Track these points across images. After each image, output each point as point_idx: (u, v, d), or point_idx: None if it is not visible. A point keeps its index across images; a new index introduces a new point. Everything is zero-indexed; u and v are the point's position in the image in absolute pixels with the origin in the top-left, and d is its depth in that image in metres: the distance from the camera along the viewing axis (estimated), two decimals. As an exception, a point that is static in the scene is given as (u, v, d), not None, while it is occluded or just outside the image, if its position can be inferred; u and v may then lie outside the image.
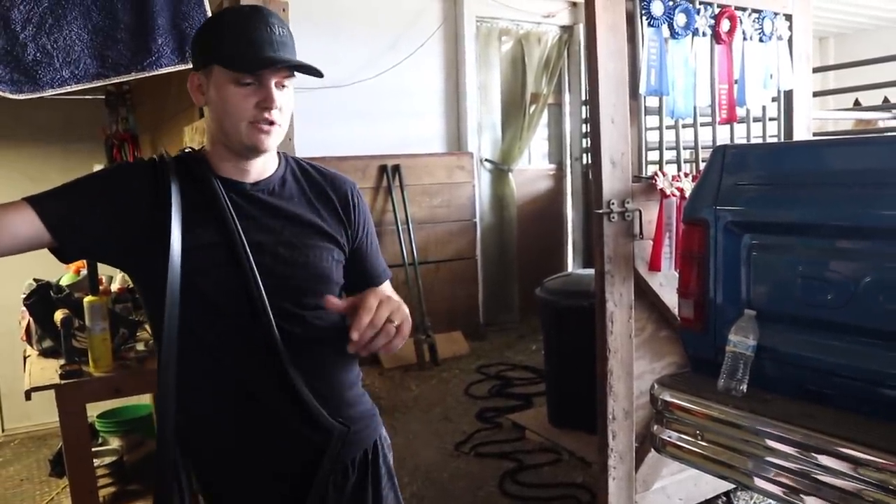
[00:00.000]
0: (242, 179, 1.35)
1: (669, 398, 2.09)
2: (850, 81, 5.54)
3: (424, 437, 3.64)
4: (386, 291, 1.49)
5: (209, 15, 2.02)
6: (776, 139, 3.05)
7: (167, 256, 1.23)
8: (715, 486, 2.82)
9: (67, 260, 1.33)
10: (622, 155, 2.50)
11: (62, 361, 2.43)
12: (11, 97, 1.79)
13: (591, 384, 2.62)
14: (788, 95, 3.02)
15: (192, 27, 2.00)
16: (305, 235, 1.36)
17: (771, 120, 3.03)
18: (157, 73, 1.99)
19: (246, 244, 1.28)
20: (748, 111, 2.89)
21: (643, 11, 2.54)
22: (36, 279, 2.82)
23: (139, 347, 2.56)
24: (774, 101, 3.01)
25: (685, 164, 2.75)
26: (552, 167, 6.13)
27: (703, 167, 2.37)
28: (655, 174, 2.57)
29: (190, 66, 1.45)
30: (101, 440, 3.50)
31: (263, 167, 1.37)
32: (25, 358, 2.77)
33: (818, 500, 1.73)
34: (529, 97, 5.77)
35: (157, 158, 1.36)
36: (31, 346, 2.77)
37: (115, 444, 3.44)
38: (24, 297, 2.77)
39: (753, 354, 1.95)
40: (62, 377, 2.33)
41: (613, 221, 2.48)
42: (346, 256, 1.43)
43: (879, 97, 5.09)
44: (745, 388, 1.95)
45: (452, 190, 5.22)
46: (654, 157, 2.73)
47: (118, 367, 2.42)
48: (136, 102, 4.73)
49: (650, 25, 2.55)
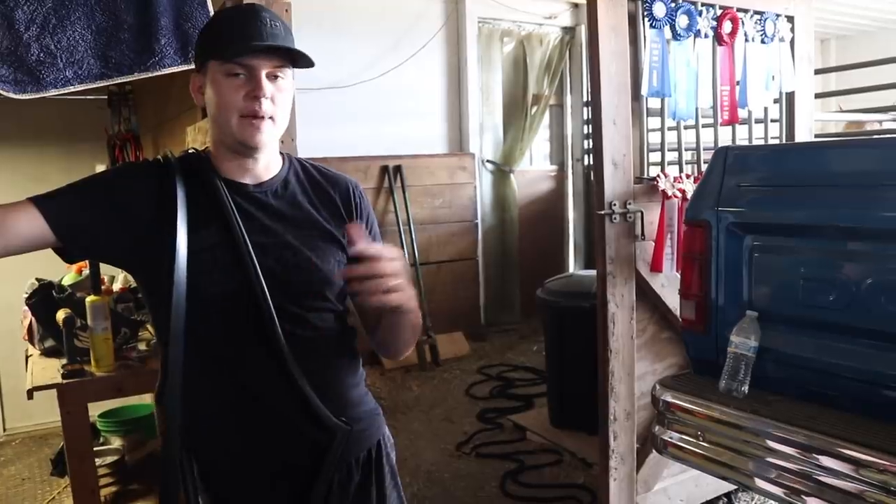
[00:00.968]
0: (245, 180, 1.35)
1: (671, 399, 2.09)
2: (851, 83, 5.54)
3: (426, 437, 3.64)
4: None
5: (212, 15, 2.02)
6: (778, 141, 3.06)
7: (172, 257, 1.23)
8: (716, 487, 2.82)
9: (71, 260, 1.32)
10: (624, 156, 2.50)
11: (64, 361, 2.44)
12: (15, 97, 1.79)
13: (592, 385, 2.62)
14: (790, 97, 3.03)
15: (194, 27, 2.00)
16: (308, 237, 1.36)
17: (773, 121, 3.03)
18: (159, 73, 1.99)
19: (249, 245, 1.28)
20: (750, 113, 2.90)
21: (645, 13, 2.54)
22: (38, 279, 2.83)
23: (141, 347, 2.57)
24: (776, 102, 3.02)
25: (687, 165, 2.75)
26: (554, 168, 6.13)
27: (704, 168, 2.37)
28: (657, 175, 2.57)
29: (192, 66, 1.46)
30: (102, 440, 3.50)
31: (266, 168, 1.37)
32: (27, 357, 2.78)
33: (820, 501, 1.72)
34: (531, 98, 5.77)
35: (161, 159, 1.36)
36: (32, 345, 2.77)
37: (116, 443, 3.44)
38: (26, 296, 2.78)
39: (755, 356, 1.95)
40: (64, 377, 2.33)
41: (615, 222, 2.49)
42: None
43: (880, 99, 5.08)
44: (746, 389, 1.95)
45: (454, 191, 5.22)
46: (655, 158, 2.74)
47: (120, 366, 2.42)
48: (138, 103, 4.73)
49: (652, 27, 2.55)
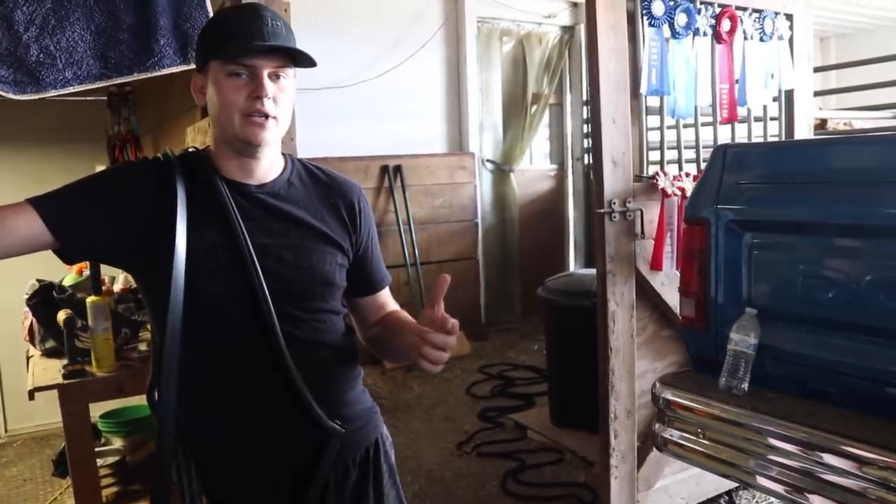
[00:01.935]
0: (247, 181, 1.34)
1: (671, 397, 2.09)
2: (851, 81, 5.54)
3: (427, 436, 3.64)
4: (385, 298, 1.52)
5: (211, 15, 2.02)
6: (777, 139, 3.05)
7: (171, 257, 1.22)
8: (717, 484, 2.82)
9: (71, 261, 1.32)
10: (623, 155, 2.50)
11: (65, 361, 2.44)
12: (14, 98, 1.80)
13: (592, 384, 2.62)
14: (789, 95, 3.03)
15: (193, 28, 2.00)
16: (309, 239, 1.35)
17: (772, 120, 3.03)
18: (159, 73, 1.99)
19: (250, 246, 1.28)
20: (749, 111, 2.90)
21: (644, 11, 2.54)
22: (39, 280, 2.83)
23: (141, 347, 2.57)
24: (775, 100, 3.02)
25: (686, 163, 2.75)
26: (553, 167, 6.13)
27: (704, 166, 2.37)
28: (657, 174, 2.57)
29: (192, 66, 1.46)
30: (103, 440, 3.50)
31: (269, 168, 1.36)
32: (28, 358, 2.78)
33: (821, 498, 1.72)
34: (531, 97, 5.77)
35: (161, 158, 1.35)
36: (33, 346, 2.78)
37: (117, 444, 3.44)
38: (26, 297, 2.78)
39: (755, 353, 1.95)
40: (65, 377, 2.33)
41: (615, 221, 2.49)
42: (349, 261, 1.42)
43: (880, 97, 5.08)
44: (746, 386, 1.96)
45: (454, 190, 5.22)
46: (655, 156, 2.73)
47: (121, 366, 2.43)
48: (138, 103, 4.74)
49: (651, 25, 2.56)
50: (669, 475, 2.74)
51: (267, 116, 1.27)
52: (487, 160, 5.63)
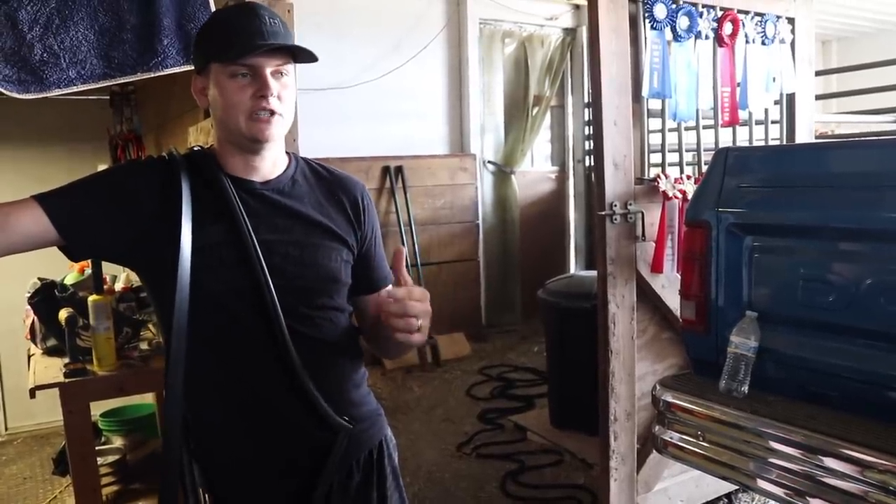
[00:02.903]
0: (252, 178, 1.35)
1: (671, 399, 2.09)
2: (852, 85, 5.54)
3: (426, 438, 3.64)
4: None
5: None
6: (778, 142, 3.06)
7: (176, 254, 1.23)
8: (717, 487, 2.82)
9: (76, 258, 1.33)
10: (625, 157, 2.51)
11: (66, 360, 2.44)
12: (18, 97, 1.80)
13: (592, 386, 2.62)
14: (791, 98, 3.03)
15: (197, 28, 2.01)
16: (314, 235, 1.36)
17: (773, 123, 3.03)
18: (162, 73, 2.00)
19: (256, 243, 1.28)
20: (750, 114, 2.90)
21: (646, 14, 2.55)
22: (40, 278, 2.83)
23: (143, 346, 2.58)
24: (777, 104, 3.02)
25: (687, 166, 2.75)
26: (555, 169, 6.14)
27: (705, 170, 2.38)
28: (658, 176, 2.57)
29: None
30: (104, 439, 3.51)
31: (273, 166, 1.37)
32: (29, 357, 2.79)
33: (821, 501, 1.73)
34: (532, 99, 5.78)
35: (166, 156, 1.36)
36: (35, 344, 2.78)
37: (118, 442, 3.45)
38: (28, 295, 2.78)
39: (755, 356, 1.96)
40: (66, 376, 2.34)
41: (616, 223, 2.49)
42: (353, 257, 1.42)
43: (881, 101, 5.08)
44: (746, 389, 1.96)
45: (455, 191, 5.22)
46: (656, 159, 2.74)
47: (122, 365, 2.43)
48: (140, 103, 4.74)
49: (653, 28, 2.56)
50: (669, 477, 2.74)
51: (273, 113, 1.28)
52: (489, 162, 5.64)
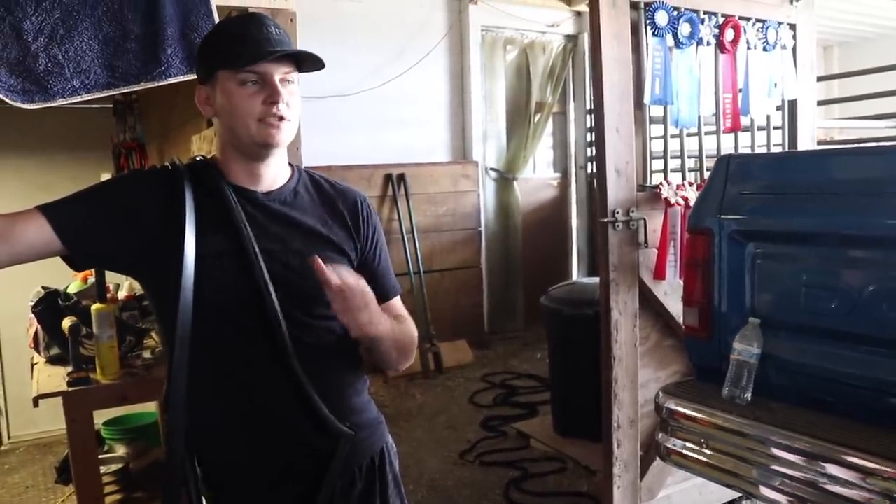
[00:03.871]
0: (254, 187, 1.36)
1: (674, 406, 2.09)
2: (854, 90, 5.55)
3: (429, 445, 3.64)
4: (396, 308, 1.50)
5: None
6: (780, 148, 3.06)
7: (179, 264, 1.23)
8: (720, 494, 2.81)
9: (79, 268, 1.34)
10: (627, 164, 2.51)
11: (69, 369, 2.44)
12: (23, 107, 1.80)
13: (596, 393, 2.62)
14: (793, 104, 3.03)
15: (200, 37, 2.01)
16: (315, 245, 1.36)
17: (775, 129, 3.03)
18: (166, 82, 2.00)
19: (257, 252, 1.29)
20: (752, 120, 2.90)
21: (648, 21, 2.55)
22: (44, 287, 2.84)
23: (146, 355, 2.58)
24: (779, 110, 3.02)
25: (689, 172, 2.76)
26: (557, 176, 6.14)
27: (707, 176, 2.38)
28: (660, 183, 2.58)
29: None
30: (106, 447, 3.51)
31: (275, 176, 1.38)
32: (33, 365, 2.79)
33: (823, 508, 1.73)
34: (534, 106, 5.79)
35: (169, 166, 1.37)
36: (38, 353, 2.78)
37: (120, 451, 3.45)
38: (31, 304, 2.79)
39: (758, 363, 1.95)
40: (70, 384, 2.34)
41: (618, 230, 2.49)
42: (353, 268, 1.41)
43: (882, 106, 5.09)
44: (749, 396, 1.96)
45: (457, 199, 5.23)
46: (658, 165, 2.74)
47: (125, 374, 2.44)
48: (143, 111, 4.75)
49: (655, 35, 2.56)
50: (672, 485, 2.74)
51: (282, 119, 1.30)
52: (491, 169, 5.65)
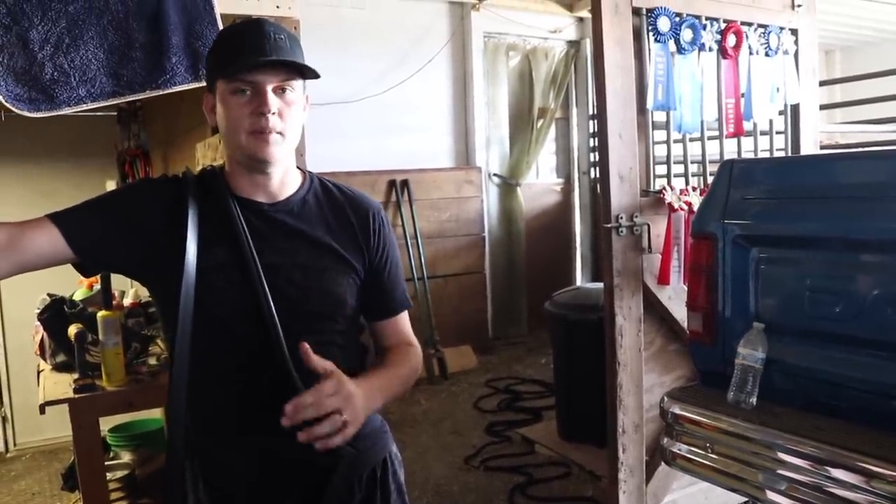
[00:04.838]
0: (260, 198, 1.34)
1: (679, 411, 2.09)
2: (856, 94, 5.55)
3: (434, 451, 3.64)
4: (399, 331, 1.47)
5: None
6: (783, 153, 3.06)
7: (180, 274, 1.23)
8: (726, 499, 2.80)
9: (89, 274, 1.35)
10: (630, 169, 2.51)
11: (75, 376, 2.45)
12: (29, 115, 1.81)
13: (600, 398, 2.62)
14: (795, 109, 3.04)
15: (205, 46, 2.03)
16: (321, 258, 1.34)
17: (778, 133, 3.04)
18: (170, 90, 2.01)
19: (259, 266, 1.27)
20: (755, 125, 2.91)
21: (650, 27, 2.56)
22: (50, 294, 2.84)
23: (151, 362, 2.58)
24: (781, 114, 3.03)
25: (693, 177, 2.76)
26: (560, 181, 6.15)
27: (710, 181, 2.38)
28: (663, 188, 2.58)
29: (203, 83, 1.48)
30: (112, 454, 3.51)
31: (282, 185, 1.35)
32: (39, 372, 2.80)
33: (829, 513, 1.72)
34: (537, 111, 5.81)
35: (179, 176, 1.36)
36: (44, 360, 2.79)
37: (126, 457, 3.45)
38: (37, 311, 2.80)
39: (762, 367, 1.95)
40: (76, 391, 2.35)
41: (622, 235, 2.50)
42: (361, 280, 1.39)
43: (885, 111, 5.09)
44: (754, 400, 1.95)
45: (461, 204, 5.24)
46: (661, 171, 2.75)
47: (131, 381, 2.44)
48: (147, 119, 4.78)
49: (657, 41, 2.57)
50: (678, 489, 2.73)
51: (272, 132, 1.26)
52: (494, 174, 5.66)
